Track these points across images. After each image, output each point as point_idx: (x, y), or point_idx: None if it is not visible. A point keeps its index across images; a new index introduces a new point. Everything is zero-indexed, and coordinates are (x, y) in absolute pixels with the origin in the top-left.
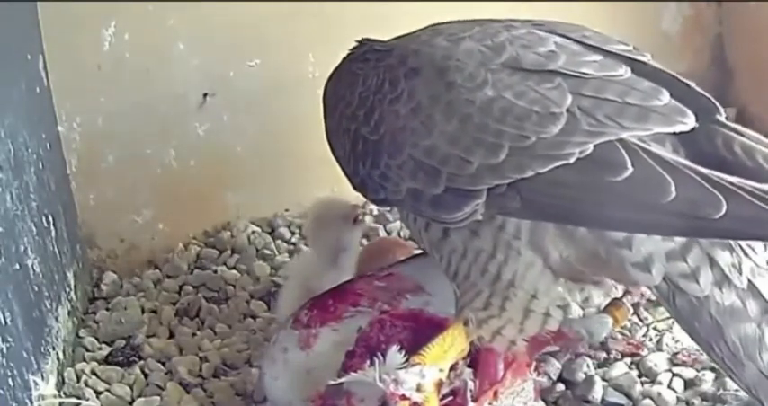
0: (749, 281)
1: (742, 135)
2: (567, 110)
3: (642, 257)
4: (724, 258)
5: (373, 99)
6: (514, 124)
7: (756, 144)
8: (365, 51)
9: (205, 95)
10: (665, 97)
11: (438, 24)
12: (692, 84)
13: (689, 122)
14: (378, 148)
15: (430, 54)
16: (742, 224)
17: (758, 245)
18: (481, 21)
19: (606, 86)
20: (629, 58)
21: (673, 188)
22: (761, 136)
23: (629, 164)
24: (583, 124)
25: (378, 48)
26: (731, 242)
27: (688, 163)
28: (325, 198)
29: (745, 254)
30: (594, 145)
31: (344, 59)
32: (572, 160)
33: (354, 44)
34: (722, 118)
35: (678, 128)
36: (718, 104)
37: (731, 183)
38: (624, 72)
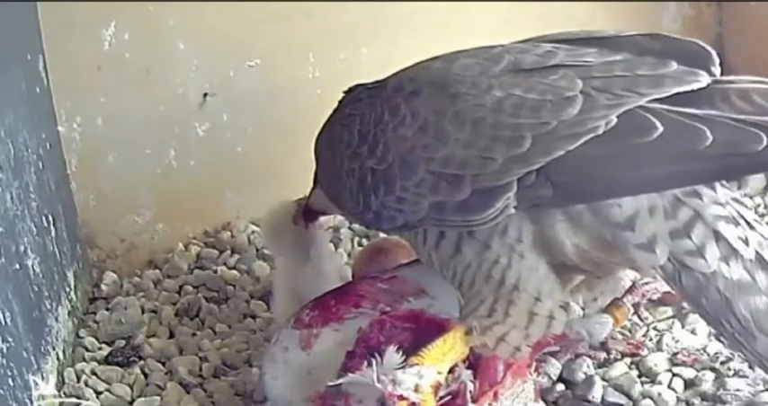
0: (757, 253)
1: (735, 82)
2: (581, 92)
3: (646, 237)
4: (730, 231)
5: (375, 131)
6: (531, 115)
7: (749, 84)
8: (357, 93)
9: (205, 95)
10: (673, 64)
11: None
12: (685, 38)
13: (702, 79)
14: (389, 175)
15: (426, 76)
16: None
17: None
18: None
19: (612, 66)
20: (621, 36)
21: (708, 133)
22: (752, 77)
23: (657, 124)
24: (601, 100)
25: (369, 86)
26: (737, 216)
27: (715, 112)
28: (270, 207)
29: (751, 227)
30: (617, 116)
31: (335, 109)
32: (600, 132)
33: (343, 94)
34: (716, 68)
35: (695, 86)
36: (709, 48)
37: (764, 120)
38: (624, 55)
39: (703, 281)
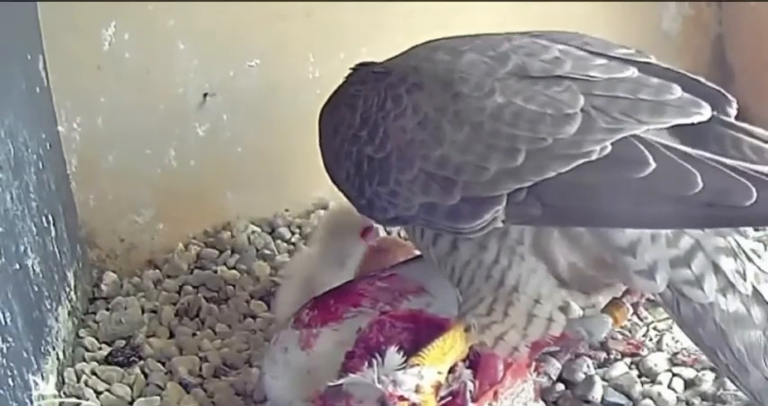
0: (754, 287)
1: (751, 135)
2: (582, 110)
3: (646, 264)
4: (728, 264)
5: (376, 117)
6: (529, 127)
7: (766, 144)
8: (362, 74)
9: (205, 95)
10: (678, 91)
11: (434, 40)
12: (702, 79)
13: (705, 112)
14: (385, 165)
15: (431, 69)
16: None
17: (763, 250)
18: (479, 35)
19: (617, 85)
20: (634, 61)
21: (699, 179)
22: None
23: (651, 160)
24: (599, 122)
25: (375, 70)
26: (736, 247)
27: (710, 154)
28: (340, 207)
29: (750, 260)
30: (613, 144)
31: (341, 85)
32: (593, 157)
33: (349, 71)
34: (733, 110)
35: (695, 119)
36: (729, 96)
37: (757, 171)
38: (632, 72)
39: (701, 311)
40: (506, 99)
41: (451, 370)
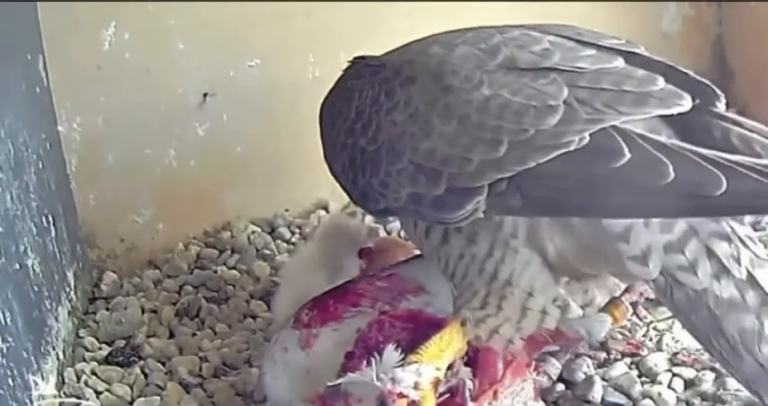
0: (748, 272)
1: (740, 125)
2: (564, 102)
3: (640, 250)
4: (722, 249)
5: (370, 111)
6: (512, 119)
7: (754, 134)
8: (359, 68)
9: (205, 95)
10: (661, 82)
11: (430, 36)
12: (690, 73)
13: (686, 104)
14: (377, 157)
15: (424, 62)
16: (743, 199)
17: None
18: (474, 28)
19: (601, 77)
20: (623, 51)
21: (671, 169)
22: (759, 125)
23: (625, 151)
24: (581, 113)
25: (371, 63)
26: (730, 232)
27: (685, 144)
28: (342, 217)
29: (744, 245)
30: (591, 134)
31: (339, 79)
32: (572, 148)
33: (347, 64)
34: (722, 104)
35: (676, 110)
36: (717, 90)
37: (729, 160)
38: (619, 63)
39: (694, 297)
40: (493, 91)
41: (450, 367)
